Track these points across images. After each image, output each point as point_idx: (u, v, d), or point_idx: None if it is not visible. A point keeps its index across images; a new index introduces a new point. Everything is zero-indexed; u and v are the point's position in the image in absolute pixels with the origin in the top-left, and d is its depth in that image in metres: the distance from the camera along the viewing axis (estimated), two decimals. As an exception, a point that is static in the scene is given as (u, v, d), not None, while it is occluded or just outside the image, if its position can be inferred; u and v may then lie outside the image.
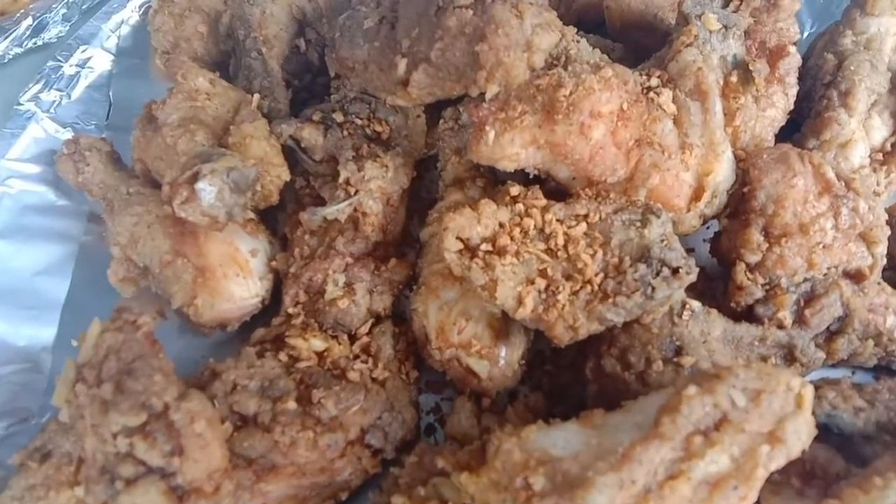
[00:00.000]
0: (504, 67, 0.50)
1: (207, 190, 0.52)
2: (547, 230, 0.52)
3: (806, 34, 0.79)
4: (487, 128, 0.51)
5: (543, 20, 0.51)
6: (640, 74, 0.55)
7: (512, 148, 0.52)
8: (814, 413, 0.45)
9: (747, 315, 0.58)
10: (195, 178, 0.53)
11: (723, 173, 0.56)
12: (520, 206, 0.54)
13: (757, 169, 0.56)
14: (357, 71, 0.58)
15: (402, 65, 0.54)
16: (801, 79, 0.63)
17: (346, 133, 0.61)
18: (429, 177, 0.67)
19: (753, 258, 0.56)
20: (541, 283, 0.51)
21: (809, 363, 0.57)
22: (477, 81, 0.50)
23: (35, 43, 0.77)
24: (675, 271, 0.51)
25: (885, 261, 0.58)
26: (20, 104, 0.70)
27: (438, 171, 0.64)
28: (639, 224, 0.53)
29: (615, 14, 0.68)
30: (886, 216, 0.58)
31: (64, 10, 0.78)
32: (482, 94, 0.53)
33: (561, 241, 0.52)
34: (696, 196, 0.56)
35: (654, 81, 0.55)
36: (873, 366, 0.60)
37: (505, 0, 0.50)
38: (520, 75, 0.50)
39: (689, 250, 0.65)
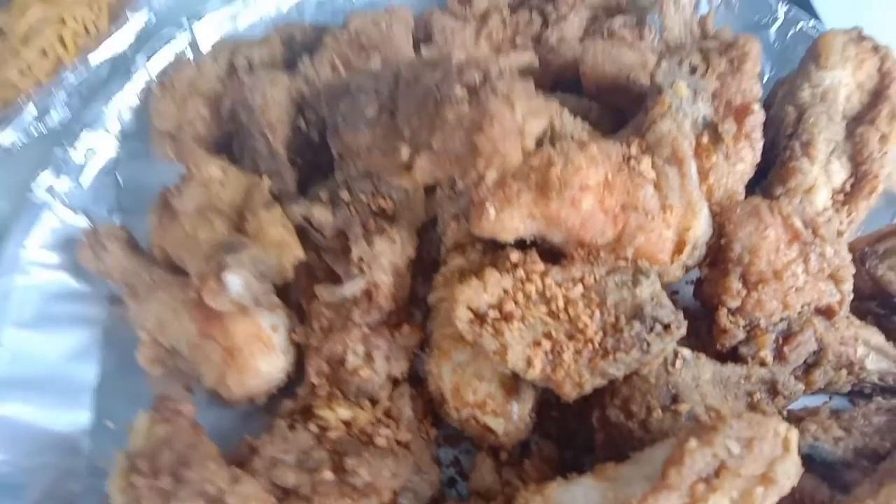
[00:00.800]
0: (500, 154, 0.55)
1: (235, 281, 0.57)
2: (547, 294, 0.58)
3: (766, 78, 0.86)
4: (488, 206, 0.56)
5: (532, 107, 0.56)
6: (621, 144, 0.61)
7: (511, 223, 0.57)
8: (798, 446, 0.51)
9: (732, 355, 0.63)
10: (222, 269, 0.57)
11: (701, 228, 0.61)
12: (521, 273, 0.59)
13: (732, 223, 0.62)
14: (361, 154, 0.63)
15: (405, 151, 0.58)
16: (765, 127, 0.69)
17: (353, 210, 0.65)
18: (426, 237, 0.72)
19: (734, 303, 0.62)
20: (546, 344, 0.56)
21: (790, 395, 0.62)
22: (477, 167, 0.55)
23: (40, 130, 0.80)
24: (666, 327, 0.56)
25: (851, 296, 0.64)
26: (32, 192, 0.74)
27: (438, 234, 0.69)
28: (630, 284, 0.58)
29: (591, 78, 0.73)
30: (850, 255, 0.65)
31: (64, 96, 0.81)
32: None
33: (561, 303, 0.57)
34: (678, 250, 0.61)
35: (634, 150, 0.60)
36: (847, 391, 0.66)
37: (497, 93, 0.55)
38: (515, 159, 0.55)
39: (675, 293, 0.71)
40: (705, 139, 0.64)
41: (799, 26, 0.86)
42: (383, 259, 0.62)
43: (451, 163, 0.57)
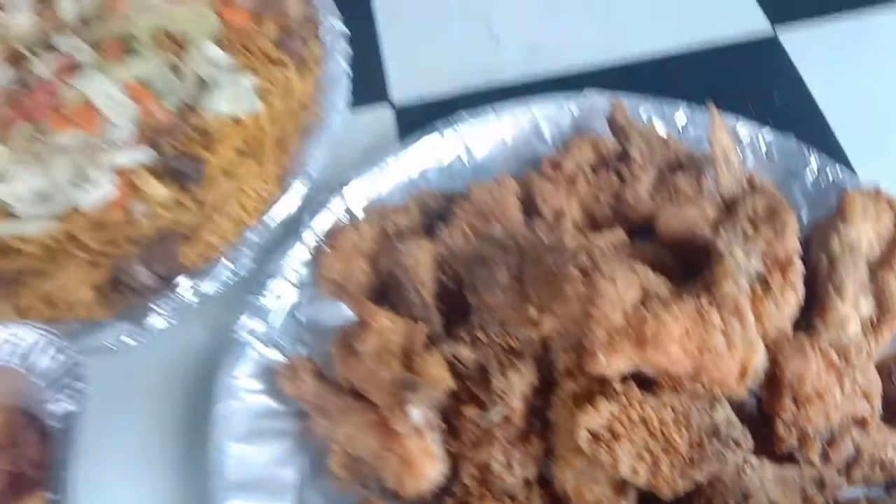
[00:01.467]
0: (607, 319, 0.75)
1: (416, 413, 0.78)
2: (646, 417, 0.77)
3: (804, 217, 1.05)
4: (599, 355, 0.77)
5: (629, 282, 0.76)
6: (695, 298, 0.81)
7: (616, 366, 0.77)
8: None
9: (788, 457, 0.82)
10: (405, 404, 0.78)
11: (759, 361, 0.81)
12: (624, 400, 0.78)
13: (783, 357, 0.82)
14: (496, 309, 0.84)
15: (533, 312, 0.79)
16: (806, 267, 0.88)
17: (489, 348, 0.86)
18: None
19: (788, 418, 0.81)
20: (648, 458, 0.76)
21: (835, 489, 0.81)
22: (590, 327, 0.76)
23: (234, 280, 1.03)
24: (737, 443, 0.75)
25: (880, 410, 0.82)
26: (235, 332, 0.97)
27: (552, 358, 0.89)
28: (708, 409, 0.78)
29: (664, 236, 0.94)
30: (877, 375, 0.83)
31: (250, 252, 1.05)
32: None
33: (657, 425, 0.77)
34: (742, 378, 0.81)
35: (705, 304, 0.80)
36: (883, 485, 0.84)
37: (603, 275, 0.75)
38: (619, 322, 0.76)
39: (742, 405, 0.90)
40: (758, 289, 0.84)
41: (830, 175, 1.05)
42: (517, 390, 0.82)
43: (569, 322, 0.78)
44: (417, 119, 1.21)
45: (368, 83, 1.24)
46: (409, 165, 1.10)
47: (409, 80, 1.27)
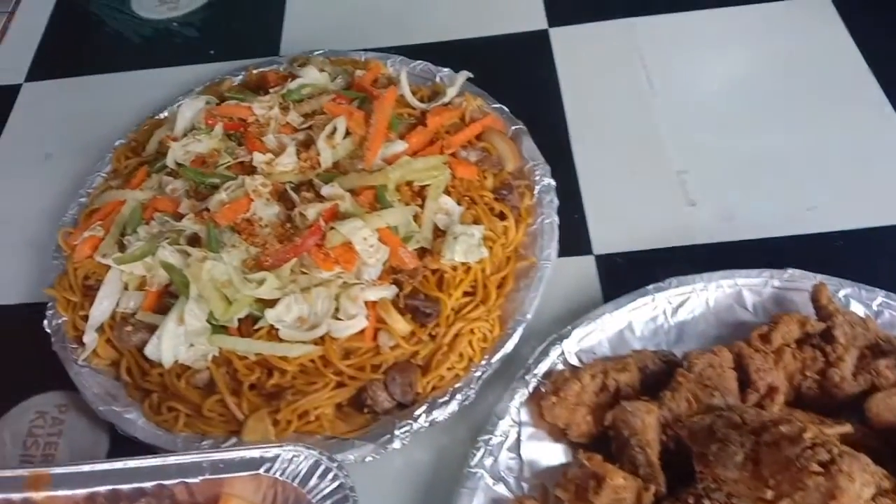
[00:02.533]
0: (847, 513, 0.84)
1: (659, 575, 0.88)
2: None
3: None
4: (836, 543, 0.85)
5: (864, 480, 0.85)
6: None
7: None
8: None
9: None
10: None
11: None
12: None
13: None
14: (727, 483, 0.93)
15: (770, 494, 0.88)
16: None
17: (714, 514, 0.95)
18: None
19: None
20: None
21: None
22: (828, 518, 0.84)
23: (460, 409, 1.17)
24: None
25: None
26: (472, 468, 1.09)
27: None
28: None
29: (874, 422, 1.02)
30: None
31: (476, 387, 1.18)
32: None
33: None
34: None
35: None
36: None
37: (842, 470, 0.84)
38: (855, 515, 0.84)
39: None
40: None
41: None
42: (740, 556, 0.91)
43: (806, 508, 0.87)
44: (617, 269, 1.35)
45: (572, 234, 1.38)
46: (619, 320, 1.22)
47: (608, 233, 1.40)
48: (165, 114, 1.62)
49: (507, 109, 1.54)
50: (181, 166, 1.40)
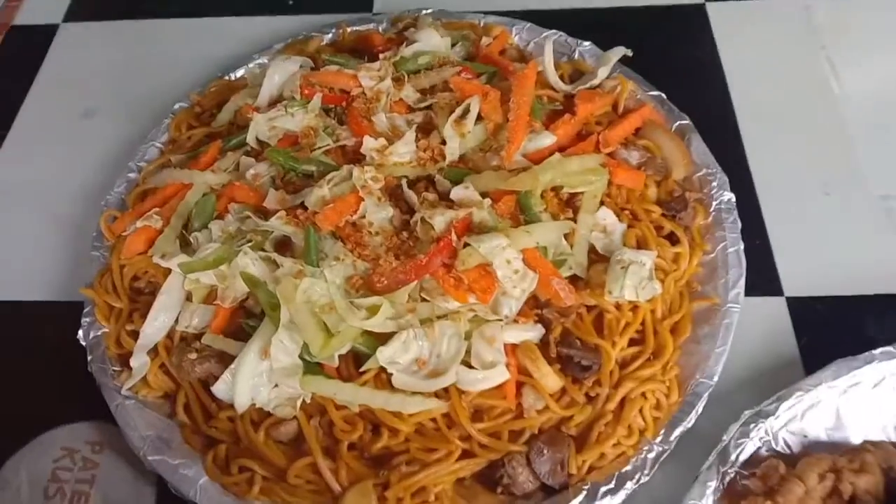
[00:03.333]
0: None
1: None
2: None
3: None
4: None
5: None
6: None
7: None
8: None
9: None
10: None
11: None
12: None
13: None
14: None
15: None
16: None
17: None
18: None
19: None
20: None
21: None
22: None
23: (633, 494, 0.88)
24: None
25: None
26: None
27: None
28: None
29: None
30: None
31: (648, 464, 0.89)
32: None
33: None
34: None
35: None
36: None
37: None
38: None
39: None
40: None
41: None
42: None
43: None
44: (816, 319, 1.05)
45: (753, 265, 1.07)
46: (836, 394, 0.92)
47: (800, 268, 1.10)
48: (241, 73, 1.31)
49: (665, 97, 1.22)
50: (265, 145, 1.10)
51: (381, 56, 1.16)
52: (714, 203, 1.10)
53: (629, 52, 1.21)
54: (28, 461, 1.00)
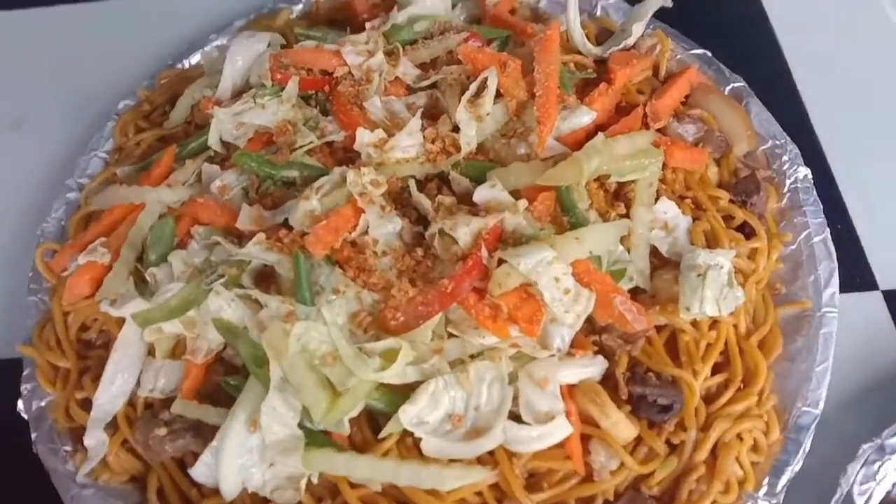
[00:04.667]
0: None
1: None
2: None
3: None
4: None
5: None
6: None
7: None
8: None
9: None
10: None
11: None
12: None
13: None
14: None
15: None
16: None
17: None
18: None
19: None
20: None
21: None
22: None
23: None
24: None
25: None
26: None
27: None
28: None
29: None
30: None
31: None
32: None
33: None
34: None
35: None
36: None
37: None
38: None
39: None
40: None
41: None
42: None
43: None
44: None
45: (838, 255, 0.88)
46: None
47: (893, 256, 0.91)
48: (196, 59, 1.08)
49: (711, 56, 1.01)
50: (232, 149, 0.88)
51: (367, 26, 0.94)
52: (788, 182, 0.91)
53: (669, 3, 1.00)
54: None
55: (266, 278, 0.79)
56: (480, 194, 0.79)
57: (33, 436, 0.81)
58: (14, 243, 1.00)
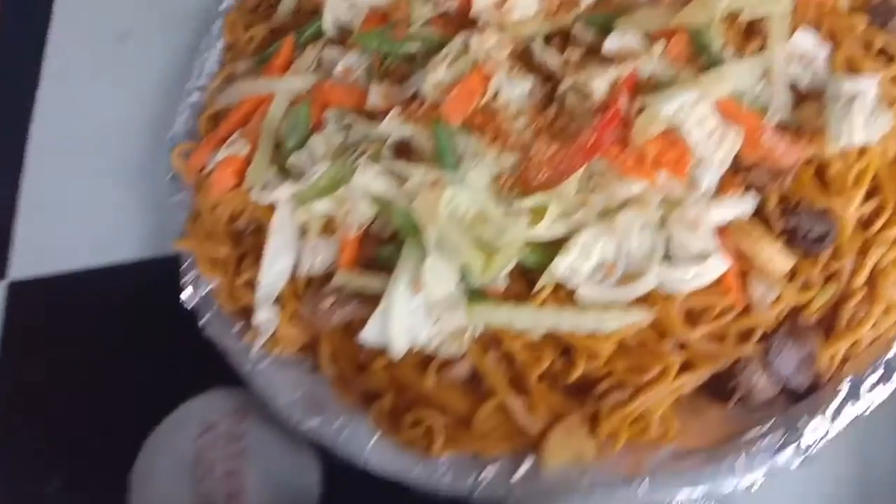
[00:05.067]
0: None
1: None
2: None
3: None
4: None
5: None
6: None
7: None
8: None
9: None
10: None
11: None
12: None
13: None
14: None
15: None
16: None
17: None
18: None
19: None
20: None
21: None
22: None
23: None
24: None
25: None
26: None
27: None
28: None
29: None
30: None
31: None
32: None
33: None
34: None
35: None
36: None
37: None
38: None
39: None
40: None
41: None
42: None
43: None
44: None
45: None
46: None
47: None
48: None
49: None
50: (346, 31, 0.88)
51: None
52: (930, 2, 0.85)
53: None
54: (165, 444, 0.86)
55: (401, 151, 0.80)
56: (611, 43, 0.77)
57: (201, 322, 0.88)
58: (147, 151, 1.05)
